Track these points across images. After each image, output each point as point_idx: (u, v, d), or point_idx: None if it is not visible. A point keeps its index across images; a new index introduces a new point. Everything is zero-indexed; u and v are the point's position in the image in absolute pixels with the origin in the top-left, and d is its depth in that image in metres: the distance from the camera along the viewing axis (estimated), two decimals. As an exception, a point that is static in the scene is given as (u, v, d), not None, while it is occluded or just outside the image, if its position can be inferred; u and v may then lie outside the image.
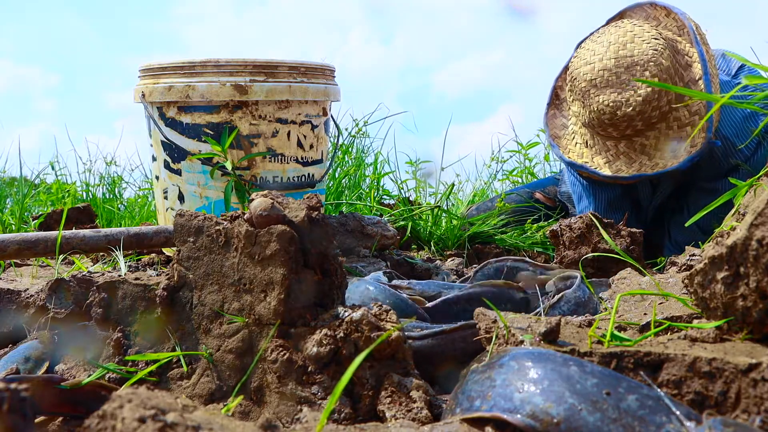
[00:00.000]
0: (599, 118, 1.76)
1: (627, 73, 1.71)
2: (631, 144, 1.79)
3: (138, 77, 1.86)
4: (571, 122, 1.97)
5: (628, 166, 1.80)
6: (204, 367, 0.98)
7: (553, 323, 0.83)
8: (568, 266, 1.60)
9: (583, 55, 1.81)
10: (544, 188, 2.44)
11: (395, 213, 2.21)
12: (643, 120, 1.72)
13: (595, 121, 1.77)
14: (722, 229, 1.19)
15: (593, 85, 1.75)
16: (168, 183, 1.84)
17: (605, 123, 1.75)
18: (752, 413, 0.69)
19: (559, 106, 2.03)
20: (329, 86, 1.88)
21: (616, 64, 1.72)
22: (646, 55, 1.70)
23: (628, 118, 1.72)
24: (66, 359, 1.11)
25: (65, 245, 1.50)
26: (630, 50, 1.72)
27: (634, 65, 1.71)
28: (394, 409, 0.85)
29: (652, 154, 1.77)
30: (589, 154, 1.88)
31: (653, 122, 1.74)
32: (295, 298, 0.94)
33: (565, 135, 1.96)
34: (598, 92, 1.74)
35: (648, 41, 1.73)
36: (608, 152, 1.84)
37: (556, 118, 2.01)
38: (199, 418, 0.56)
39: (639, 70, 1.70)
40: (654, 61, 1.70)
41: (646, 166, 1.77)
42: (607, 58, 1.74)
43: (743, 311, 0.77)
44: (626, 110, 1.70)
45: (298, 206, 0.98)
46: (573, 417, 0.67)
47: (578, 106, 1.83)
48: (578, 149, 1.91)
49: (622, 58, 1.72)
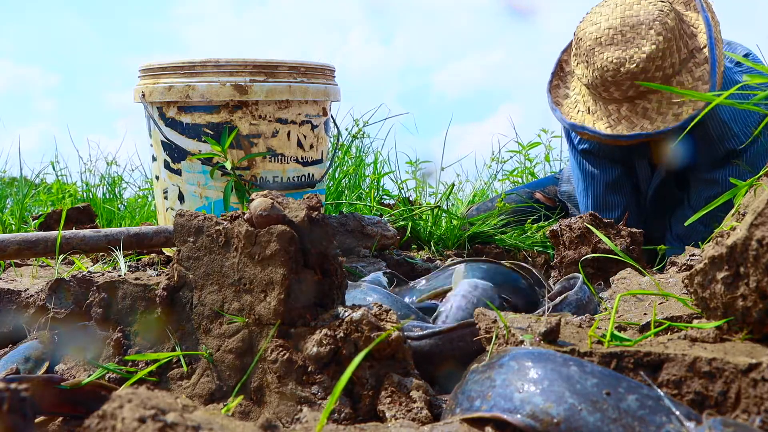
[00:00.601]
0: (602, 76, 1.77)
1: (632, 32, 1.74)
2: (633, 107, 1.80)
3: (138, 77, 1.86)
4: (574, 92, 1.98)
5: (629, 129, 1.81)
6: (204, 367, 0.98)
7: (553, 323, 0.83)
8: (568, 266, 1.60)
9: (590, 18, 1.84)
10: (544, 188, 2.44)
11: (395, 213, 2.21)
12: (646, 79, 1.74)
13: (599, 80, 1.78)
14: (722, 229, 1.19)
15: (598, 43, 1.77)
16: (168, 183, 1.84)
17: (608, 81, 1.76)
18: (752, 413, 0.69)
19: (563, 78, 2.04)
20: (329, 86, 1.88)
21: (622, 23, 1.75)
22: (651, 15, 1.74)
23: (632, 75, 1.73)
24: (66, 359, 1.11)
25: (65, 245, 1.50)
26: (636, 11, 1.76)
27: (640, 24, 1.73)
28: (394, 409, 0.85)
29: (653, 118, 1.78)
30: (591, 120, 1.89)
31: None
32: (295, 298, 0.94)
33: (568, 103, 1.98)
34: (602, 50, 1.76)
35: (654, 3, 1.76)
36: (610, 117, 1.85)
37: (559, 88, 2.03)
38: (199, 418, 0.56)
39: (644, 28, 1.73)
40: (660, 20, 1.72)
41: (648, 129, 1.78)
42: (613, 17, 1.77)
43: (743, 311, 0.77)
44: (630, 66, 1.72)
45: (298, 206, 0.98)
46: (573, 417, 0.67)
47: (582, 68, 1.84)
48: (580, 116, 1.92)
49: (628, 17, 1.75)
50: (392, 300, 1.20)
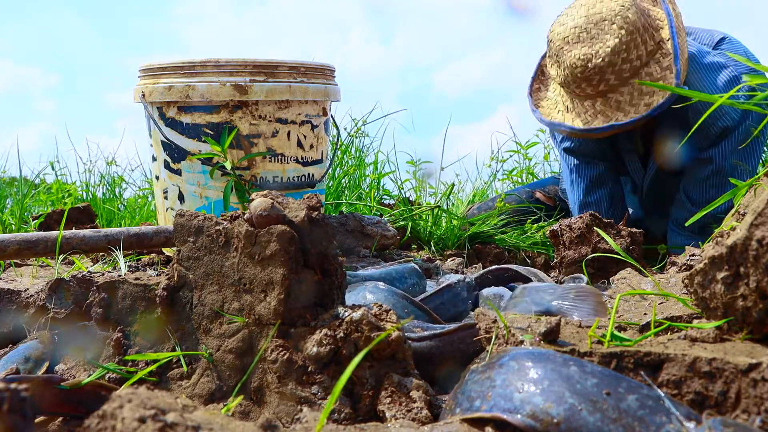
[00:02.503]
0: (572, 73, 1.83)
1: (596, 28, 1.80)
2: (606, 101, 1.85)
3: (138, 77, 1.85)
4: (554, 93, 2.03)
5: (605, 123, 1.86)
6: (204, 367, 0.98)
7: (553, 323, 0.83)
8: (568, 266, 1.60)
9: (560, 20, 1.91)
10: (545, 188, 2.44)
11: (395, 213, 2.21)
12: (614, 73, 1.79)
13: (570, 78, 1.84)
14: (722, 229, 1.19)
15: (566, 42, 1.84)
16: (168, 183, 1.83)
17: (578, 77, 1.82)
18: (752, 413, 0.69)
19: (544, 82, 2.11)
20: (329, 86, 1.88)
21: (586, 21, 1.82)
22: (613, 11, 1.80)
23: (599, 69, 1.78)
24: (66, 359, 1.11)
25: (65, 245, 1.50)
26: (599, 9, 1.83)
27: (603, 20, 1.80)
28: (394, 409, 0.85)
29: (626, 110, 1.83)
30: (569, 118, 1.95)
31: (625, 77, 1.80)
32: (295, 298, 0.94)
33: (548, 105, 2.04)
34: (570, 48, 1.83)
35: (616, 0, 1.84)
36: (586, 113, 1.90)
37: (540, 91, 2.09)
38: (199, 418, 0.56)
39: (607, 24, 1.79)
40: (621, 14, 1.78)
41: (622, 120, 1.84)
42: (578, 17, 1.85)
43: (743, 311, 0.77)
44: (596, 62, 1.78)
45: (298, 206, 0.98)
46: (573, 417, 0.67)
47: (555, 68, 1.91)
48: (559, 115, 1.98)
49: (591, 15, 1.83)
50: (395, 298, 1.20)
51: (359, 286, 1.25)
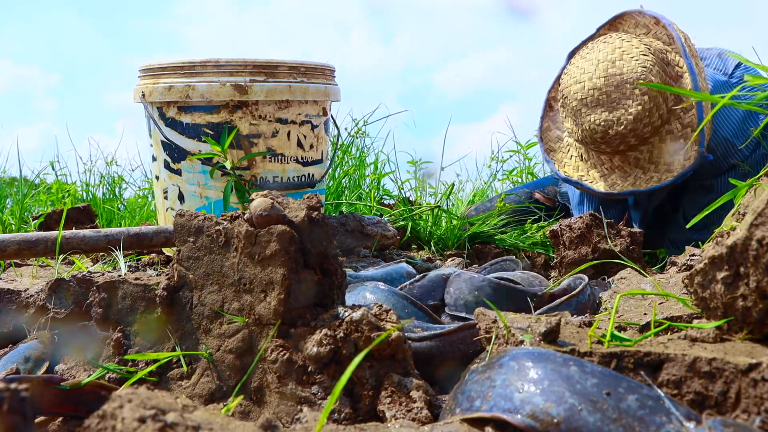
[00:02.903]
0: (592, 137, 1.76)
1: (617, 92, 1.70)
2: (625, 158, 1.80)
3: (138, 77, 1.85)
4: (565, 134, 1.98)
5: (623, 180, 1.81)
6: (204, 367, 0.98)
7: (553, 323, 0.83)
8: (568, 266, 1.60)
9: (573, 73, 1.81)
10: (544, 188, 2.44)
11: (395, 213, 2.21)
12: (635, 136, 1.73)
13: (588, 139, 1.78)
14: (722, 229, 1.19)
15: (584, 104, 1.75)
16: (168, 183, 1.83)
17: (598, 141, 1.76)
18: (752, 413, 0.69)
19: (552, 118, 2.04)
20: (329, 86, 1.88)
21: (606, 82, 1.72)
22: (635, 72, 1.69)
23: (621, 136, 1.72)
24: (66, 359, 1.11)
25: (65, 245, 1.49)
26: (619, 68, 1.71)
27: (624, 83, 1.70)
28: (394, 409, 0.85)
29: (646, 167, 1.78)
30: (584, 168, 1.89)
31: (646, 137, 1.74)
32: (295, 298, 0.94)
33: (560, 148, 1.98)
34: (589, 111, 1.74)
35: (637, 57, 1.72)
36: (603, 166, 1.85)
37: (550, 130, 2.03)
38: (199, 418, 0.56)
39: (629, 88, 1.69)
40: (644, 78, 1.68)
41: (641, 179, 1.78)
42: (596, 76, 1.74)
43: (743, 311, 0.77)
44: (618, 129, 1.71)
45: (298, 206, 0.98)
46: (573, 417, 0.67)
47: (571, 124, 1.84)
48: (574, 162, 1.93)
49: (611, 76, 1.72)
50: (395, 298, 1.20)
51: (359, 286, 1.25)
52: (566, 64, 1.90)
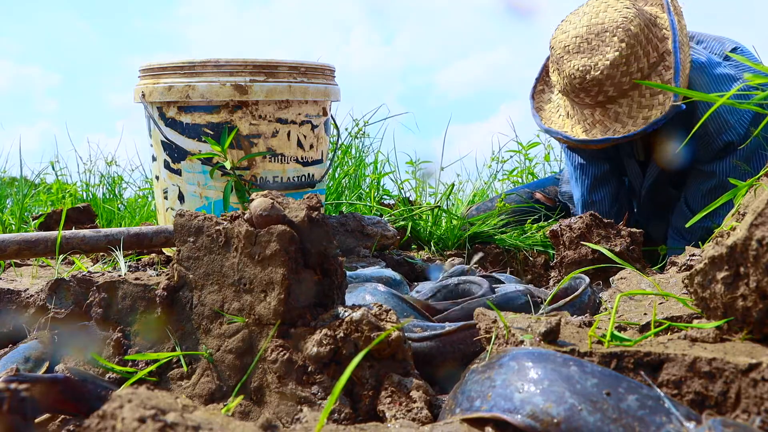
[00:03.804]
0: (571, 83, 1.82)
1: (597, 39, 1.78)
2: (605, 112, 1.84)
3: (138, 77, 1.85)
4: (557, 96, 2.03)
5: (603, 133, 1.85)
6: (204, 367, 0.98)
7: (553, 323, 0.83)
8: (568, 266, 1.60)
9: (562, 26, 1.89)
10: (545, 188, 2.44)
11: (395, 213, 2.21)
12: (613, 85, 1.77)
13: (568, 87, 1.84)
14: (722, 229, 1.19)
15: (566, 51, 1.82)
16: (168, 183, 1.83)
17: (576, 88, 1.81)
18: (752, 413, 0.69)
19: (548, 83, 2.10)
20: (329, 86, 1.88)
21: (588, 30, 1.80)
22: (615, 21, 1.77)
23: (597, 81, 1.77)
24: (66, 359, 1.11)
25: (65, 245, 1.49)
26: (602, 19, 1.80)
27: (604, 32, 1.78)
28: (394, 409, 0.85)
29: (625, 122, 1.82)
30: (569, 124, 1.94)
31: (625, 89, 1.79)
32: (295, 298, 0.94)
33: (550, 108, 2.04)
34: (570, 57, 1.81)
35: (619, 10, 1.80)
36: (585, 121, 1.89)
37: (543, 93, 2.09)
38: (199, 418, 0.56)
39: (608, 35, 1.77)
40: (623, 26, 1.76)
41: (619, 133, 1.82)
42: (580, 26, 1.82)
43: (743, 311, 0.77)
44: (594, 74, 1.76)
45: (298, 206, 0.98)
46: (573, 417, 0.67)
47: (555, 75, 1.90)
48: (560, 120, 1.97)
49: (593, 25, 1.80)
50: (395, 300, 1.20)
51: (359, 287, 1.25)
52: None
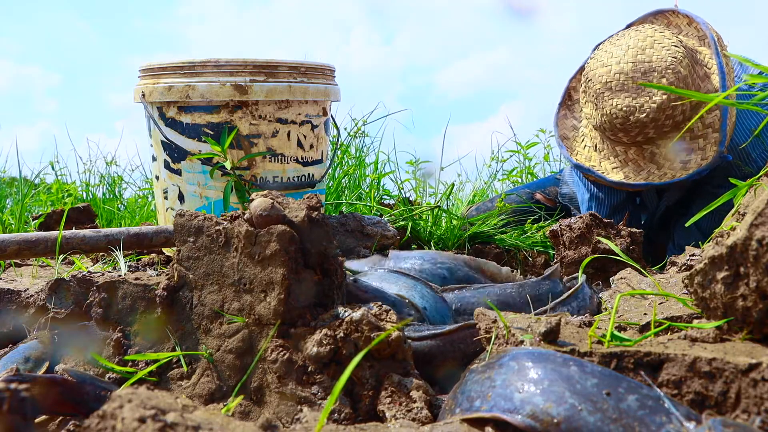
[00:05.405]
0: (611, 122, 1.73)
1: (644, 78, 1.67)
2: (641, 151, 1.77)
3: (138, 77, 1.85)
4: (582, 124, 1.95)
5: (636, 173, 1.78)
6: (204, 367, 0.98)
7: (553, 323, 0.83)
8: (568, 266, 1.60)
9: (600, 57, 1.78)
10: (545, 189, 2.43)
11: (395, 213, 2.21)
12: (655, 128, 1.69)
13: (607, 125, 1.75)
14: (722, 229, 1.19)
15: (608, 88, 1.72)
16: (168, 183, 1.83)
17: (617, 128, 1.73)
18: (752, 413, 0.69)
19: (571, 107, 2.00)
20: (329, 86, 1.88)
21: (633, 68, 1.69)
22: (664, 61, 1.67)
23: (641, 124, 1.69)
24: (66, 359, 1.11)
25: (65, 245, 1.49)
26: (648, 56, 1.69)
27: (652, 71, 1.67)
28: (394, 409, 0.85)
29: (661, 164, 1.74)
30: (597, 158, 1.86)
31: (665, 131, 1.71)
32: (295, 298, 0.94)
33: (575, 137, 1.94)
34: (612, 95, 1.71)
35: (668, 48, 1.69)
36: (617, 158, 1.82)
37: (566, 119, 1.99)
38: (199, 418, 0.56)
39: (656, 76, 1.67)
40: (672, 68, 1.66)
41: (654, 175, 1.75)
42: (624, 61, 1.71)
43: (743, 311, 0.77)
44: (639, 116, 1.68)
45: (298, 206, 0.98)
46: (573, 417, 0.67)
47: (591, 108, 1.80)
48: (587, 152, 1.89)
49: (639, 62, 1.69)
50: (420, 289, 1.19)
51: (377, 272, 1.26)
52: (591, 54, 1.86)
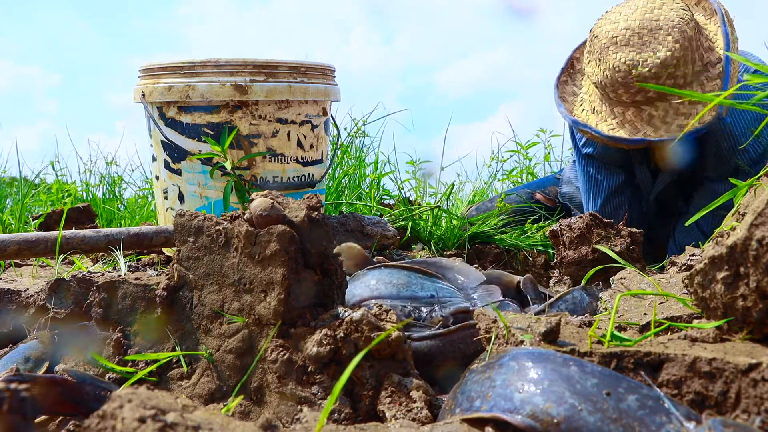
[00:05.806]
0: (613, 76, 1.73)
1: (650, 35, 1.70)
2: (639, 113, 1.77)
3: (138, 77, 1.85)
4: (582, 91, 1.95)
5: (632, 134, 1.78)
6: (204, 367, 0.98)
7: (553, 323, 0.83)
8: (568, 266, 1.60)
9: (609, 16, 1.80)
10: (545, 188, 2.43)
11: (395, 213, 2.21)
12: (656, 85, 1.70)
13: (608, 80, 1.75)
14: (722, 229, 1.19)
15: (613, 42, 1.73)
16: (168, 183, 1.83)
17: (618, 82, 1.73)
18: (752, 413, 0.69)
19: (572, 75, 2.01)
20: (329, 86, 1.88)
21: (641, 25, 1.71)
22: (671, 21, 1.70)
23: (642, 78, 1.69)
24: (66, 359, 1.11)
25: (65, 245, 1.49)
26: (657, 15, 1.72)
27: (659, 29, 1.70)
28: (394, 409, 0.85)
29: (657, 126, 1.75)
30: (594, 120, 1.85)
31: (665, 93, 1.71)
32: (295, 298, 0.94)
33: (574, 101, 1.95)
34: (616, 49, 1.73)
35: (676, 10, 1.72)
36: (614, 119, 1.82)
37: (567, 84, 2.00)
38: (199, 418, 0.56)
39: (662, 33, 1.69)
40: (679, 27, 1.68)
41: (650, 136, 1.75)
42: (632, 18, 1.74)
43: (743, 311, 0.77)
44: (642, 70, 1.68)
45: (298, 206, 0.98)
46: (573, 417, 0.67)
47: (594, 66, 1.81)
48: (584, 115, 1.89)
49: (647, 20, 1.72)
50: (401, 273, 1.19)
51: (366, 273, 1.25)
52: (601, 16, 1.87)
